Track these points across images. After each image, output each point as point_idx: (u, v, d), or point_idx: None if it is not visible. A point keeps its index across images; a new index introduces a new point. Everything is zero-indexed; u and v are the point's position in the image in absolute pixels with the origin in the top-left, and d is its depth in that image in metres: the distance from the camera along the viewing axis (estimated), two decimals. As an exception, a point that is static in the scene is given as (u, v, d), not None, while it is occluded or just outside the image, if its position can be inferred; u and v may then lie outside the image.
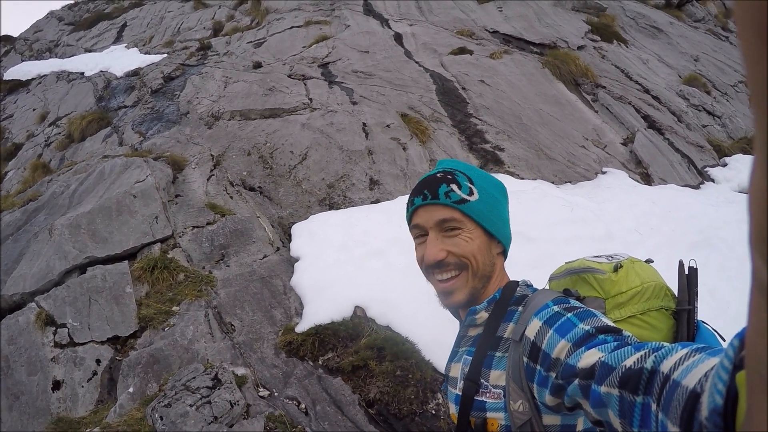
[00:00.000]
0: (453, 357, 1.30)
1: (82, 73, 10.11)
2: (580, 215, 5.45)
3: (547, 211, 5.45)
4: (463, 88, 8.05)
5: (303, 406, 3.47)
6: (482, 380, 1.11)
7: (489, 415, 1.08)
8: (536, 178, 6.56)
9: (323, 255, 4.89)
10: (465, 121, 7.47)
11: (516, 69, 8.72)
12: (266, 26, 10.89)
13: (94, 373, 4.17)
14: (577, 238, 4.99)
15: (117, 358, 4.25)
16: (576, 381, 0.83)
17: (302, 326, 4.06)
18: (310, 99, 7.66)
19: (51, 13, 14.37)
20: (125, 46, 11.48)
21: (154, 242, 5.26)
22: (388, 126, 7.12)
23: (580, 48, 9.79)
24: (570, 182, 6.64)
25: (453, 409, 1.22)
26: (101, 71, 9.82)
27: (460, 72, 8.39)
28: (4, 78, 11.27)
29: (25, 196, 7.17)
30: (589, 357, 0.82)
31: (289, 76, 8.30)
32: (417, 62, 8.60)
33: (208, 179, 6.22)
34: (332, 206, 5.90)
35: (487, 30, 10.34)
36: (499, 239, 1.23)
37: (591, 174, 6.85)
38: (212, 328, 4.25)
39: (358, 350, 3.70)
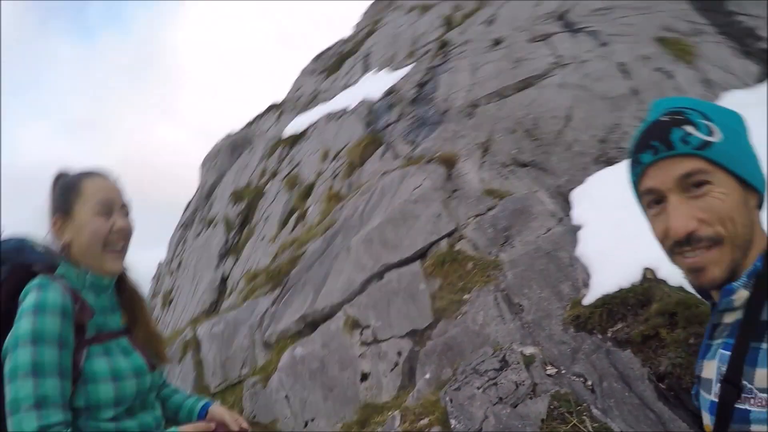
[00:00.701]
0: (705, 352, 1.04)
1: (346, 109, 11.47)
2: None
3: None
4: (715, -16, 6.75)
5: (589, 382, 3.25)
6: (745, 382, 0.88)
7: (754, 428, 0.86)
8: None
9: (605, 217, 4.51)
10: (729, 23, 6.17)
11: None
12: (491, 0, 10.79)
13: (396, 364, 4.54)
14: None
15: (415, 349, 4.55)
16: None
17: (589, 298, 3.79)
18: (558, 56, 7.28)
19: (303, 71, 16.89)
20: (374, 72, 12.70)
21: (441, 239, 5.53)
22: (646, 57, 6.41)
23: None
24: None
25: (707, 420, 1.00)
26: (361, 101, 10.97)
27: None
28: (284, 137, 13.59)
29: (323, 225, 8.38)
30: None
31: (531, 41, 8.03)
32: (653, -28, 7.48)
33: (480, 167, 6.34)
34: (609, 162, 5.44)
35: None
36: (755, 186, 0.98)
37: None
38: (501, 310, 4.24)
39: (648, 318, 3.33)
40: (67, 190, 1.55)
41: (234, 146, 16.28)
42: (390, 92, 10.27)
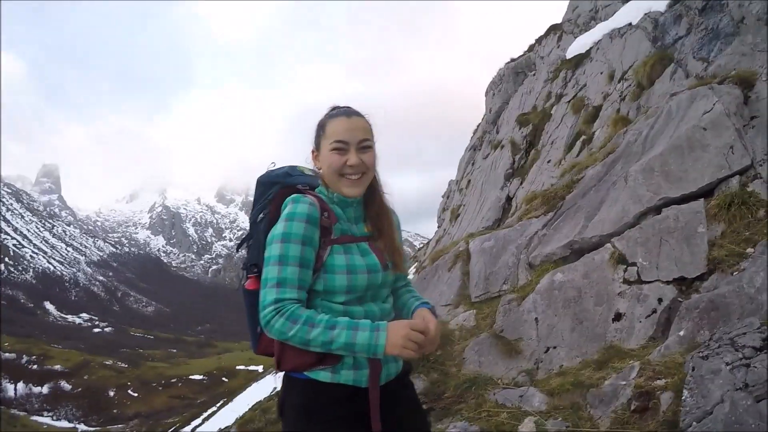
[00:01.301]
0: None
1: (630, 24, 9.89)
2: None
3: None
4: None
5: None
6: None
7: None
8: None
9: None
10: None
11: None
12: None
13: (654, 311, 4.03)
14: None
15: (678, 299, 3.95)
16: None
17: None
18: None
19: None
20: None
21: (732, 175, 4.61)
22: None
23: None
24: None
25: None
26: (645, 14, 9.31)
27: None
28: (567, 59, 12.40)
29: (605, 150, 7.63)
30: None
31: None
32: None
33: (785, 89, 4.91)
34: None
35: None
36: None
37: None
38: (789, 275, 3.32)
39: None
40: (318, 129, 1.84)
41: (517, 71, 15.72)
42: (675, 2, 8.49)
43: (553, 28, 15.66)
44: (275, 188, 1.84)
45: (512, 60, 16.64)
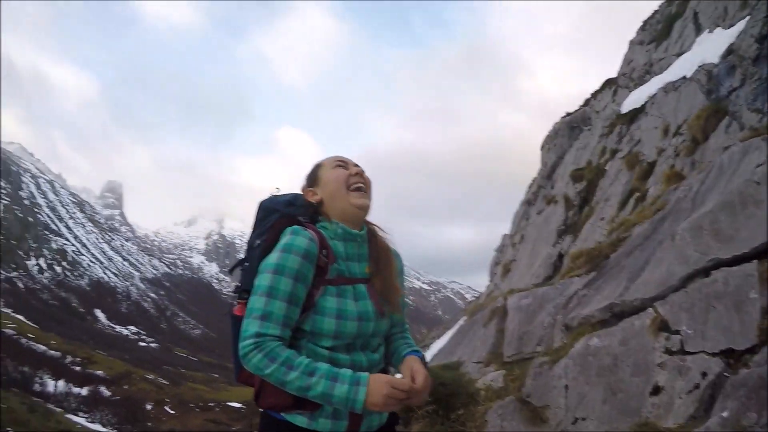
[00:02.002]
0: None
1: (684, 77, 9.40)
2: None
3: None
4: None
5: None
6: None
7: None
8: None
9: None
10: None
11: None
12: None
13: (696, 387, 3.50)
14: None
15: (725, 374, 3.41)
16: None
17: None
18: None
19: (631, 42, 14.28)
20: (708, 32, 9.97)
21: None
22: None
23: None
24: None
25: None
26: (699, 67, 8.80)
27: None
28: (622, 113, 11.93)
29: (654, 208, 7.08)
30: None
31: None
32: None
33: None
34: None
35: None
36: None
37: None
38: None
39: None
40: (313, 168, 1.81)
41: (572, 125, 15.30)
42: (729, 53, 7.94)
43: (609, 83, 15.21)
44: (275, 215, 1.75)
45: (568, 114, 16.25)
